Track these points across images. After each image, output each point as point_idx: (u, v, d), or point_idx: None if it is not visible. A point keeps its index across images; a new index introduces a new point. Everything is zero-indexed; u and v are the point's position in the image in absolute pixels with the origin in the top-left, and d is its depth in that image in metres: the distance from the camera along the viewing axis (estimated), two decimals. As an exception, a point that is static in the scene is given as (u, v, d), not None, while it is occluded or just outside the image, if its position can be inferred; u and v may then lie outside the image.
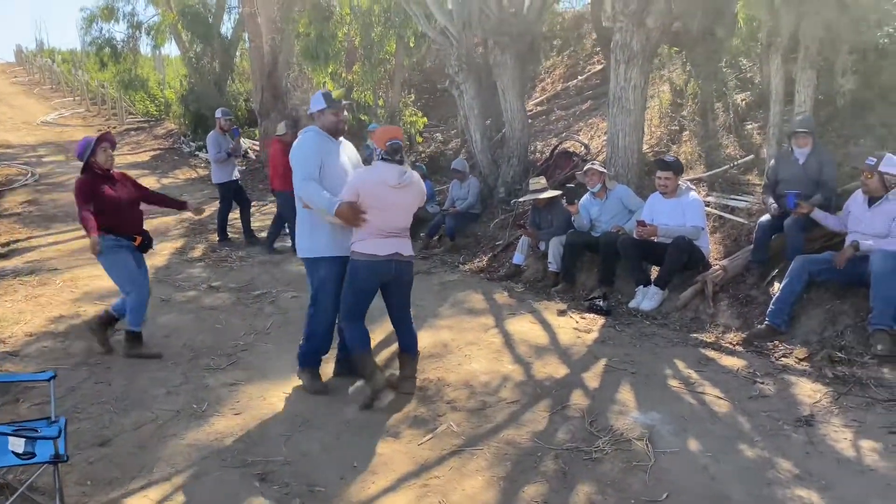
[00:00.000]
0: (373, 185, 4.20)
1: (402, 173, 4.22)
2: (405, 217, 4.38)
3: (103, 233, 5.08)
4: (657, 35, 7.37)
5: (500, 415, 4.22)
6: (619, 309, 6.22)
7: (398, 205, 4.28)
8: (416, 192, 4.37)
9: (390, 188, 4.20)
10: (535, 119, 12.38)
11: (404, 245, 4.38)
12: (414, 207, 4.42)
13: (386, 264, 4.28)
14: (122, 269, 5.22)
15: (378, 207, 4.21)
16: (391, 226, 4.29)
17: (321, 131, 4.54)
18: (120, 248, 5.19)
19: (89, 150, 5.14)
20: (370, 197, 4.20)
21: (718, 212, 6.92)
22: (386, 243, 4.28)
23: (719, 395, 4.38)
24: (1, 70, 37.10)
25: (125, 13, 18.95)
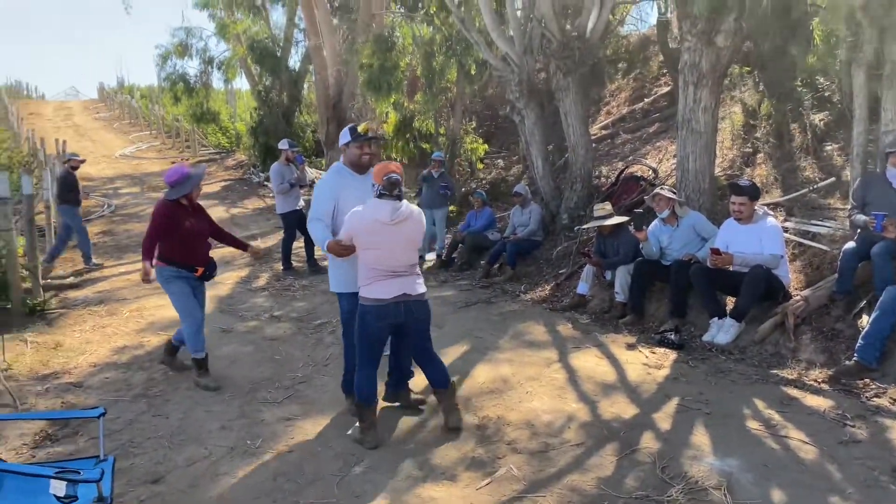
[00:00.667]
0: (366, 225, 4.04)
1: (395, 209, 4.03)
2: (407, 254, 4.17)
3: (165, 263, 5.23)
4: (727, 54, 7.06)
5: (564, 458, 3.96)
6: (692, 343, 5.87)
7: (397, 242, 4.09)
8: (414, 227, 4.16)
9: (385, 225, 4.02)
10: (599, 143, 12.12)
11: (412, 283, 4.17)
12: (416, 242, 4.22)
13: (394, 307, 4.11)
14: (179, 298, 5.31)
15: (375, 247, 4.07)
16: (393, 265, 4.10)
17: (343, 167, 4.57)
18: (179, 278, 5.29)
19: (189, 188, 5.29)
20: (365, 237, 4.07)
21: (798, 238, 6.50)
22: (391, 284, 4.10)
23: (804, 439, 4.01)
24: (85, 107, 39.04)
25: (198, 49, 19.66)
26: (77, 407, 4.94)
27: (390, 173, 4.07)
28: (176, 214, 5.26)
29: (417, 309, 4.19)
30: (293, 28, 20.46)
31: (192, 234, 5.32)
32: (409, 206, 4.13)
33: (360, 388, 4.26)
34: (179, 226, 5.24)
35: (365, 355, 4.25)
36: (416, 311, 4.18)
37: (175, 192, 5.29)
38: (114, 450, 4.19)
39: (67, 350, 6.34)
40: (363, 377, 4.26)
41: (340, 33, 15.22)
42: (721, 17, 6.81)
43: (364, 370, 4.26)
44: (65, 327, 7.14)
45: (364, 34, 13.70)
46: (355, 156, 4.51)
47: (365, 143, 4.50)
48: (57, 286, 8.89)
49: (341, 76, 14.93)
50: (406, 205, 4.10)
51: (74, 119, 33.18)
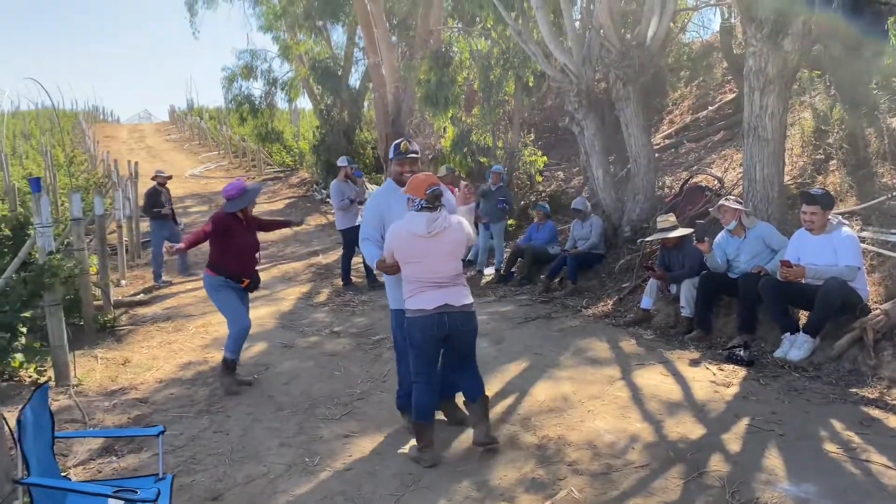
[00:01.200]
0: (403, 240, 4.03)
1: (432, 221, 3.98)
2: (450, 265, 4.10)
3: (214, 273, 5.54)
4: (795, 58, 6.78)
5: (628, 481, 3.81)
6: (763, 359, 5.60)
7: (436, 254, 4.03)
8: (453, 237, 4.08)
9: (422, 238, 3.99)
10: (662, 153, 11.84)
11: (456, 294, 4.10)
12: (457, 253, 4.15)
13: (438, 318, 4.04)
14: (227, 304, 5.62)
15: (416, 261, 4.04)
16: (434, 276, 4.05)
17: (391, 182, 4.60)
18: (226, 287, 5.60)
19: (246, 203, 5.60)
20: (404, 252, 4.06)
21: (876, 248, 6.16)
22: (433, 295, 4.05)
23: (888, 463, 3.75)
24: (157, 129, 40.63)
25: (262, 70, 20.25)
26: (142, 423, 5.05)
27: (433, 186, 4.03)
28: (231, 227, 5.53)
29: (462, 320, 4.11)
30: (353, 47, 20.85)
31: (244, 247, 5.63)
32: (448, 217, 4.08)
33: (418, 405, 4.21)
34: (233, 238, 5.51)
35: (418, 369, 4.20)
36: (460, 323, 4.10)
37: (232, 206, 5.55)
38: (176, 466, 4.26)
39: (135, 366, 6.52)
40: (419, 393, 4.21)
41: (399, 50, 15.40)
42: (788, 19, 6.56)
43: (419, 385, 4.20)
44: (133, 343, 7.34)
45: (422, 50, 13.81)
46: (395, 173, 4.56)
47: (405, 161, 4.50)
48: (127, 303, 9.18)
49: (399, 92, 15.08)
50: (444, 215, 4.05)
51: (147, 141, 34.55)
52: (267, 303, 9.01)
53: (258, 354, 6.76)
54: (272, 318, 8.18)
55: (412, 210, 4.08)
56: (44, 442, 2.96)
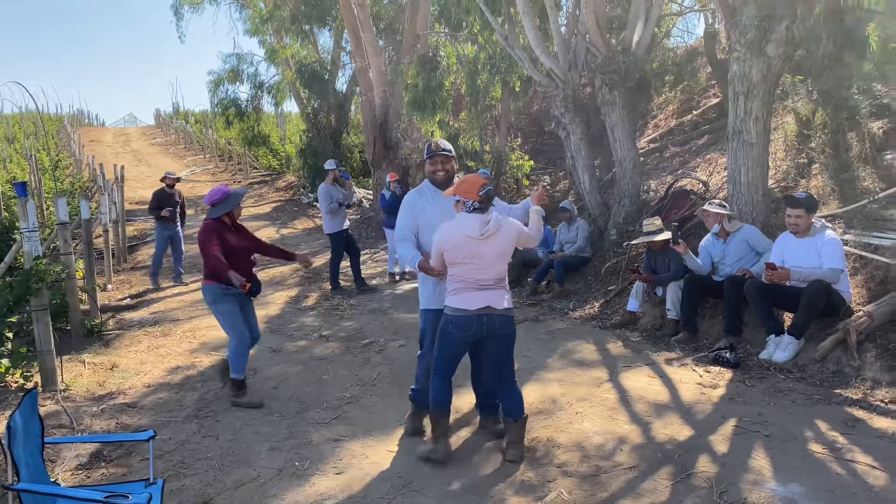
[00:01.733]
0: (456, 241, 4.01)
1: (484, 223, 3.98)
2: (497, 267, 4.10)
3: (212, 281, 5.34)
4: (779, 63, 6.88)
5: (617, 482, 3.85)
6: (749, 361, 5.67)
7: (487, 256, 4.03)
8: (505, 238, 4.08)
9: (474, 240, 3.98)
10: (647, 157, 11.93)
11: (498, 297, 4.10)
12: (507, 255, 4.15)
13: (477, 319, 4.04)
14: (227, 317, 5.42)
15: (464, 262, 4.02)
16: (482, 278, 4.05)
17: (427, 183, 4.61)
18: (227, 296, 5.37)
19: (230, 207, 5.48)
20: (455, 253, 4.03)
21: (859, 251, 6.25)
22: (476, 296, 4.05)
23: (873, 463, 3.82)
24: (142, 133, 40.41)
25: (248, 74, 20.16)
26: (131, 428, 5.03)
27: (485, 187, 4.02)
28: (220, 232, 5.41)
29: (501, 323, 4.11)
30: (340, 51, 20.82)
31: (237, 250, 5.44)
32: (499, 219, 4.06)
33: (436, 395, 4.23)
34: (224, 242, 5.38)
35: (441, 365, 4.20)
36: (499, 326, 4.10)
37: (216, 211, 5.46)
38: (166, 470, 4.25)
39: (123, 371, 6.48)
40: (437, 384, 4.22)
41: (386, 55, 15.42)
42: (771, 25, 6.65)
43: (438, 378, 4.22)
44: (121, 348, 7.30)
45: (409, 55, 13.83)
46: (429, 172, 4.56)
47: (437, 159, 4.50)
48: (114, 307, 9.12)
49: (387, 97, 15.08)
50: (495, 217, 4.04)
51: (132, 145, 34.35)
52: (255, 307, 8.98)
53: (246, 359, 6.74)
54: (260, 323, 8.09)
55: (464, 211, 4.06)
56: (33, 448, 2.95)
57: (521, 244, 4.27)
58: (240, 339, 5.41)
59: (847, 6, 7.15)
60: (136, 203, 19.20)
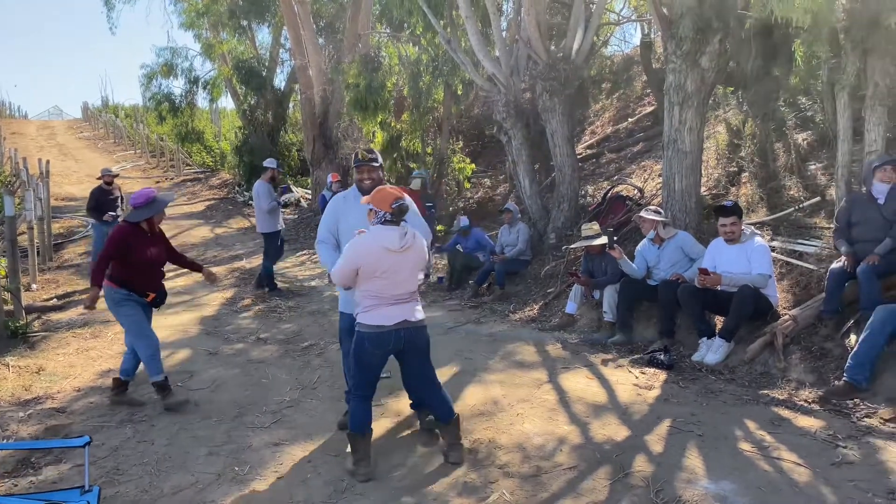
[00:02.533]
0: (374, 254, 3.91)
1: (402, 235, 3.93)
2: (412, 279, 4.07)
3: (117, 286, 5.15)
4: (712, 75, 7.14)
5: (557, 482, 3.92)
6: (682, 363, 5.86)
7: (403, 269, 3.99)
8: (419, 252, 4.05)
9: (393, 253, 3.92)
10: (585, 162, 12.19)
11: (412, 310, 4.07)
12: (421, 266, 4.13)
13: (394, 334, 4.01)
14: (133, 320, 5.22)
15: (380, 276, 3.96)
16: (397, 293, 4.01)
17: (355, 189, 4.57)
18: (130, 301, 5.21)
19: (153, 212, 5.23)
20: (372, 266, 3.91)
21: (785, 257, 6.54)
22: (392, 311, 4.00)
23: (798, 460, 4.00)
24: (69, 126, 38.83)
25: (183, 69, 19.67)
26: (61, 433, 4.84)
27: (399, 200, 3.96)
28: (135, 238, 5.17)
29: (418, 335, 4.10)
30: (278, 48, 20.53)
31: (149, 260, 5.25)
32: (413, 231, 4.04)
33: (354, 417, 4.15)
34: (136, 250, 5.15)
35: (359, 382, 4.14)
36: (415, 338, 4.08)
37: (137, 215, 5.19)
38: (99, 477, 4.11)
39: (50, 374, 6.24)
40: (357, 405, 4.16)
41: (326, 53, 15.29)
42: (706, 38, 6.89)
43: (357, 400, 4.16)
44: (48, 351, 7.02)
45: (350, 54, 13.76)
46: (357, 180, 4.53)
47: (364, 168, 4.46)
48: (39, 308, 8.76)
49: (327, 95, 14.96)
50: (410, 229, 4.02)
51: (58, 138, 32.98)
52: (189, 308, 8.78)
53: (181, 362, 6.58)
54: (195, 325, 7.97)
55: (375, 222, 3.99)
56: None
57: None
58: (148, 340, 5.24)
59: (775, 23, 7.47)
60: (62, 199, 18.48)
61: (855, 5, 5.64)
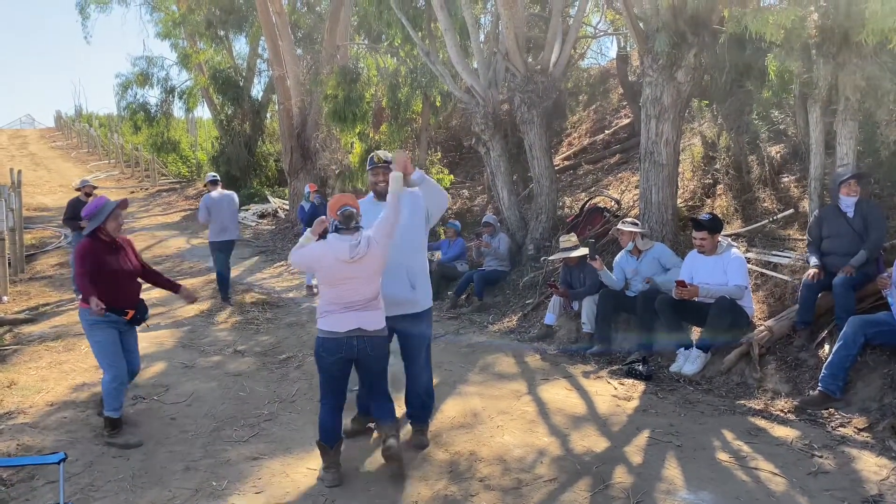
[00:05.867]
0: (327, 263, 3.96)
1: (354, 246, 3.93)
2: (366, 288, 4.03)
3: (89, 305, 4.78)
4: (688, 89, 7.24)
5: (537, 494, 3.92)
6: (660, 374, 5.91)
7: (356, 278, 4.00)
8: (374, 259, 4.03)
9: (345, 263, 3.94)
10: (562, 174, 12.27)
11: (369, 318, 4.04)
12: (378, 274, 4.10)
13: (347, 342, 4.01)
14: (103, 347, 4.88)
15: (332, 284, 4.00)
16: (352, 300, 4.01)
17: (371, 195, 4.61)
18: (107, 324, 4.85)
19: (103, 217, 4.87)
20: (325, 275, 4.00)
21: (760, 269, 6.63)
22: (346, 318, 4.00)
23: (774, 470, 4.05)
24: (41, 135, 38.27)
25: (159, 78, 19.50)
26: (33, 449, 4.75)
27: (344, 206, 4.00)
28: (96, 251, 4.83)
29: (372, 345, 4.07)
30: (256, 58, 20.46)
31: (117, 272, 4.89)
32: (368, 239, 4.00)
33: (322, 425, 4.18)
34: (101, 264, 4.81)
35: (324, 390, 4.18)
36: (370, 348, 4.06)
37: (92, 225, 4.87)
38: (73, 494, 4.04)
39: (22, 388, 6.11)
40: (323, 413, 4.19)
41: (304, 63, 15.23)
42: (681, 52, 6.99)
43: (324, 406, 4.19)
44: (19, 364, 6.89)
45: (328, 65, 13.74)
46: (372, 183, 4.54)
47: (378, 170, 4.48)
48: (10, 321, 8.60)
49: (305, 106, 14.92)
50: (364, 238, 3.99)
51: (30, 148, 32.49)
52: (165, 321, 8.67)
53: (157, 375, 6.49)
54: (171, 337, 7.87)
55: (330, 231, 4.04)
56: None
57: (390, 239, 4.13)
58: (115, 373, 4.87)
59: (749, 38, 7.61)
60: (34, 210, 18.18)
61: (826, 21, 5.75)
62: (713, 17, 6.93)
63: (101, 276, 4.80)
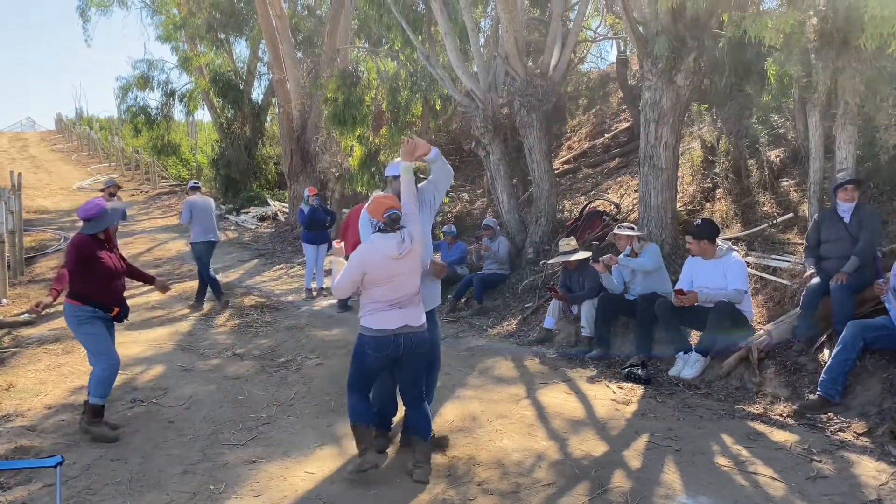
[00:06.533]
0: (376, 263, 4.03)
1: (400, 242, 4.02)
2: (413, 282, 4.14)
3: (80, 302, 4.97)
4: (687, 93, 7.25)
5: (536, 499, 3.91)
6: (659, 377, 5.90)
7: (404, 273, 4.08)
8: (418, 254, 4.13)
9: (393, 260, 4.02)
10: (562, 177, 12.27)
11: (414, 314, 4.12)
12: (419, 269, 4.19)
13: (394, 339, 4.06)
14: (96, 338, 5.02)
15: (384, 282, 4.06)
16: (397, 296, 4.08)
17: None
18: (95, 318, 5.02)
19: (108, 223, 5.07)
20: (376, 273, 4.04)
21: (759, 273, 6.62)
22: (393, 315, 4.06)
23: (773, 475, 4.04)
24: (42, 138, 38.30)
25: (159, 81, 19.53)
26: (31, 452, 4.74)
27: (390, 209, 4.05)
28: (95, 249, 5.00)
29: (417, 341, 4.11)
30: (256, 61, 20.48)
31: (111, 271, 5.06)
32: (411, 234, 4.08)
33: (353, 408, 4.21)
34: (98, 262, 4.97)
35: (354, 382, 4.21)
36: (415, 344, 4.10)
37: (92, 228, 5.02)
38: (70, 497, 4.02)
39: (20, 391, 6.10)
40: (353, 400, 4.22)
41: (304, 67, 15.25)
42: (681, 56, 6.99)
43: (354, 394, 4.22)
44: (18, 367, 6.88)
45: (328, 68, 13.75)
46: (396, 190, 4.49)
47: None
48: (9, 323, 8.59)
49: (305, 109, 14.93)
50: (408, 234, 4.06)
51: (30, 150, 32.53)
52: (164, 323, 8.67)
53: (156, 378, 6.48)
54: (170, 340, 7.86)
55: (372, 230, 4.11)
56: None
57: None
58: (109, 361, 5.01)
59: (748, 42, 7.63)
60: (34, 212, 18.19)
61: (826, 25, 5.76)
62: (712, 21, 6.94)
63: (95, 274, 4.97)
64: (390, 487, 4.13)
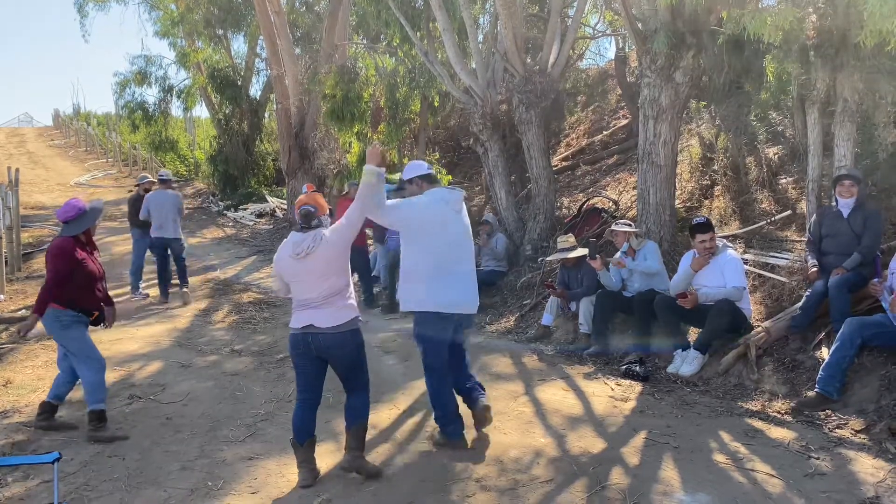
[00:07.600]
0: (282, 260, 4.16)
1: (297, 244, 4.02)
2: (319, 286, 4.04)
3: (65, 307, 4.89)
4: (686, 90, 7.24)
5: (534, 496, 3.91)
6: (657, 374, 5.91)
7: (305, 275, 4.06)
8: (322, 257, 4.02)
9: (293, 260, 4.06)
10: (560, 174, 12.26)
11: (323, 315, 4.04)
12: (327, 273, 4.06)
13: (302, 338, 4.08)
14: (83, 342, 4.99)
15: (293, 282, 4.14)
16: (307, 297, 4.09)
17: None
18: (78, 322, 4.98)
19: (87, 224, 5.03)
20: (283, 272, 4.20)
21: (758, 270, 6.63)
22: (300, 315, 4.10)
23: (771, 472, 4.04)
24: (39, 133, 38.21)
25: (157, 77, 19.47)
26: (28, 448, 4.74)
27: (303, 205, 4.14)
28: (78, 252, 4.92)
29: (326, 342, 4.05)
30: (254, 57, 20.44)
31: (93, 274, 5.02)
32: (318, 237, 4.03)
33: (293, 422, 4.20)
34: (81, 265, 4.91)
35: (297, 386, 4.27)
36: (325, 344, 4.05)
37: (71, 229, 4.94)
38: (68, 494, 4.02)
39: (18, 387, 6.10)
40: (295, 409, 4.22)
41: (302, 63, 15.22)
42: (680, 53, 6.99)
43: (297, 402, 4.23)
44: (15, 363, 6.88)
45: (326, 64, 13.72)
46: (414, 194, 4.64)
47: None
48: (7, 319, 8.58)
49: (303, 105, 14.90)
50: (312, 237, 4.03)
51: (28, 146, 32.43)
52: (162, 320, 8.66)
53: (153, 374, 6.48)
54: (168, 336, 7.86)
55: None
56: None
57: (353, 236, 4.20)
58: (100, 363, 5.00)
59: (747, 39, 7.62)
60: (32, 208, 18.13)
61: (825, 23, 5.76)
62: (711, 18, 6.93)
63: (79, 278, 4.92)
64: (389, 483, 4.14)
